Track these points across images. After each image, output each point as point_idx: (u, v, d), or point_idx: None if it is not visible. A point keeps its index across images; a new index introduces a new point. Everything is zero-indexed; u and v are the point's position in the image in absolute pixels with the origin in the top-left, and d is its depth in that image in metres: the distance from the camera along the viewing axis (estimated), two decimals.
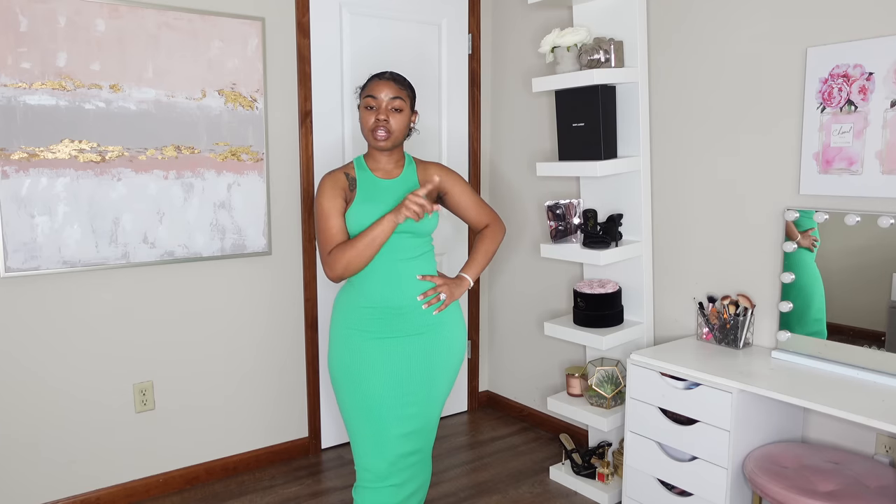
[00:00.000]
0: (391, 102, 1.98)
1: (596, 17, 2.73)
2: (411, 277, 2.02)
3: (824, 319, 2.24)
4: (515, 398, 3.62)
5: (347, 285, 2.08)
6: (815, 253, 2.25)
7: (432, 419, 2.09)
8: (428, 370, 2.04)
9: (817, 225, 2.23)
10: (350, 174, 2.06)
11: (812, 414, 2.33)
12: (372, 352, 1.99)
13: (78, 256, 2.51)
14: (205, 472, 2.90)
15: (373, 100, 1.99)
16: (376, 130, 1.99)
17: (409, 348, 2.01)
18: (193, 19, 2.65)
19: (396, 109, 1.99)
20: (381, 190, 2.04)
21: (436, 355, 2.05)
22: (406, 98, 2.02)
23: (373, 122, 1.99)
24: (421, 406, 2.03)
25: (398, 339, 2.00)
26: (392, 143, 2.01)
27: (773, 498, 1.91)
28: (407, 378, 2.01)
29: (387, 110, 1.98)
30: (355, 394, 2.01)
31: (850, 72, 2.13)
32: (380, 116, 1.98)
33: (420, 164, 2.14)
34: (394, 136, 2.00)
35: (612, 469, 2.78)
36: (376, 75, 2.04)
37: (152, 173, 2.63)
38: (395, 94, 1.99)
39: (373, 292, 2.00)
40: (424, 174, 2.11)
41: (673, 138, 2.68)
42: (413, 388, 2.02)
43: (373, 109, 1.99)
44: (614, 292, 2.73)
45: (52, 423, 2.55)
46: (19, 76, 2.35)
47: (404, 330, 2.01)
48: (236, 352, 2.93)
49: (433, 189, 2.01)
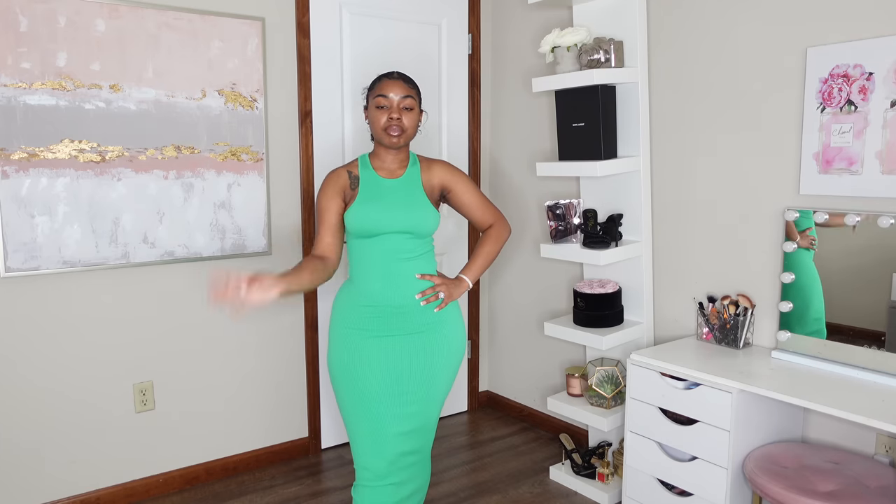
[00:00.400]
0: (402, 101, 2.01)
1: (596, 17, 2.73)
2: (410, 277, 2.02)
3: (823, 319, 2.24)
4: (515, 398, 3.62)
5: (347, 284, 2.09)
6: (813, 252, 2.25)
7: (431, 418, 2.09)
8: (427, 369, 2.04)
9: (814, 225, 2.23)
10: (353, 172, 2.08)
11: (812, 414, 2.33)
12: (370, 350, 2.00)
13: (78, 256, 2.51)
14: (205, 472, 2.90)
15: (384, 99, 2.00)
16: (390, 129, 2.00)
17: (408, 347, 2.02)
18: (193, 19, 2.65)
19: (408, 108, 2.02)
20: (383, 190, 2.05)
21: (435, 354, 2.05)
22: (416, 97, 2.05)
23: (385, 121, 2.00)
24: (419, 405, 2.03)
25: (397, 338, 2.01)
26: (405, 141, 2.05)
27: (773, 498, 1.91)
28: (406, 376, 2.01)
29: (399, 109, 2.01)
30: (353, 392, 2.01)
31: (850, 72, 2.13)
32: (392, 115, 2.00)
33: (424, 162, 2.14)
34: (406, 135, 2.03)
35: (612, 469, 2.78)
36: (384, 75, 2.06)
37: (152, 173, 2.63)
38: (406, 92, 2.02)
39: (372, 291, 2.01)
40: (429, 173, 2.12)
41: (673, 138, 2.68)
42: (412, 388, 2.02)
43: (384, 108, 2.01)
44: (614, 292, 2.73)
45: (52, 423, 2.55)
46: (19, 76, 2.35)
47: (403, 329, 2.01)
48: (236, 352, 2.93)
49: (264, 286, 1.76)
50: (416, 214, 2.03)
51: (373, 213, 2.00)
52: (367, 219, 2.00)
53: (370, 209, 2.01)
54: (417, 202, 2.05)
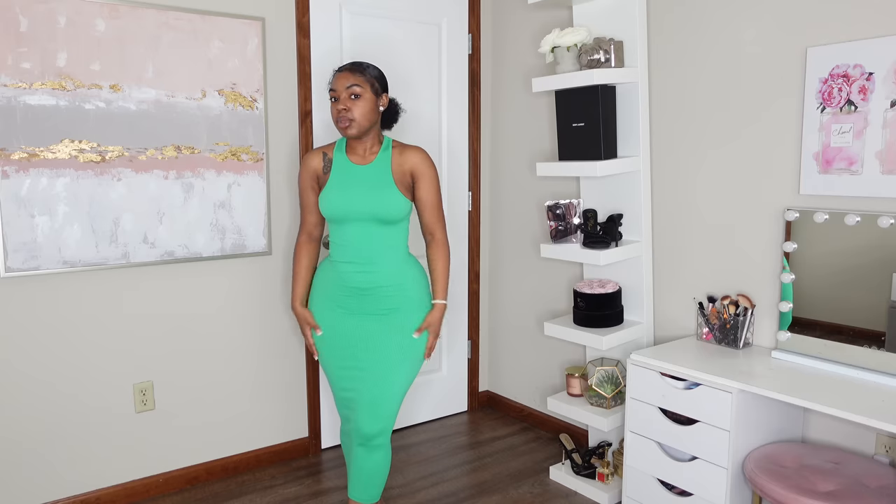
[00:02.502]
0: (349, 90, 2.07)
1: (596, 17, 2.73)
2: (379, 263, 2.13)
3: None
4: (515, 398, 3.62)
5: (326, 260, 2.26)
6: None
7: (384, 395, 2.18)
8: (380, 346, 2.16)
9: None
10: (328, 155, 2.19)
11: (812, 414, 2.33)
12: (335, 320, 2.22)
13: (78, 256, 2.51)
14: (205, 472, 2.90)
15: (333, 92, 2.11)
16: (340, 120, 2.09)
17: (370, 325, 2.18)
18: (193, 19, 2.65)
19: (355, 96, 2.07)
20: (352, 175, 2.14)
21: (393, 334, 2.17)
22: (364, 83, 2.09)
23: (335, 113, 2.10)
24: (366, 371, 2.17)
25: (362, 317, 2.18)
26: (358, 131, 2.10)
27: (773, 498, 1.91)
28: (360, 346, 2.18)
29: (346, 99, 2.07)
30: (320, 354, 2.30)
31: (850, 72, 2.13)
32: (339, 106, 2.08)
33: (398, 147, 2.18)
34: (357, 123, 2.08)
35: (612, 469, 2.78)
36: (338, 69, 2.14)
37: (152, 173, 2.63)
38: (352, 81, 2.08)
39: (344, 272, 2.17)
40: (401, 158, 2.16)
41: (673, 138, 2.68)
42: (360, 353, 2.18)
43: (335, 101, 2.10)
44: (614, 292, 2.73)
45: (52, 423, 2.55)
46: (19, 76, 2.35)
47: (369, 309, 2.16)
48: (236, 352, 2.93)
49: None
50: (381, 201, 2.09)
51: (339, 201, 2.11)
52: (334, 206, 2.12)
53: (337, 196, 2.12)
54: (384, 188, 2.11)
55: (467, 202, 3.55)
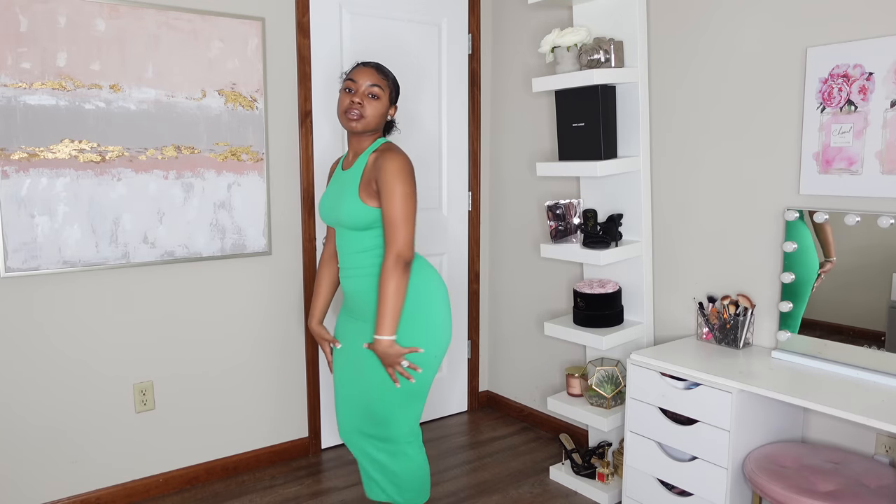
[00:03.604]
0: (369, 88, 2.03)
1: (596, 17, 2.73)
2: (354, 267, 2.10)
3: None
4: (515, 398, 3.62)
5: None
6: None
7: (376, 405, 2.13)
8: (360, 353, 2.13)
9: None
10: (339, 160, 2.23)
11: (812, 414, 2.33)
12: (339, 323, 2.25)
13: (78, 256, 2.51)
14: (205, 472, 2.90)
15: (352, 83, 2.05)
16: (350, 111, 2.02)
17: (354, 329, 2.17)
18: (193, 19, 2.65)
19: (374, 96, 2.04)
20: (335, 180, 2.17)
21: (362, 339, 2.15)
22: (385, 87, 2.07)
23: (347, 104, 2.03)
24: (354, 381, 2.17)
25: (350, 320, 2.19)
26: (363, 127, 2.04)
27: (773, 498, 1.91)
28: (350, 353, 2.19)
29: (363, 94, 2.03)
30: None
31: (850, 72, 2.13)
32: (355, 99, 2.03)
33: (377, 153, 2.02)
34: (366, 121, 2.03)
35: (612, 469, 2.78)
36: (362, 63, 2.10)
37: (152, 173, 2.63)
38: (375, 81, 2.04)
39: (340, 276, 2.21)
40: (373, 164, 2.00)
41: (673, 138, 2.68)
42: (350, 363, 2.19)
43: (350, 92, 2.05)
44: (614, 292, 2.73)
45: (52, 423, 2.55)
46: (19, 76, 2.35)
47: (354, 314, 2.17)
48: (236, 352, 2.93)
49: None
50: (339, 208, 2.06)
51: (321, 206, 2.17)
52: (320, 211, 2.19)
53: (321, 202, 2.18)
54: (344, 195, 2.05)
55: (467, 202, 3.55)
